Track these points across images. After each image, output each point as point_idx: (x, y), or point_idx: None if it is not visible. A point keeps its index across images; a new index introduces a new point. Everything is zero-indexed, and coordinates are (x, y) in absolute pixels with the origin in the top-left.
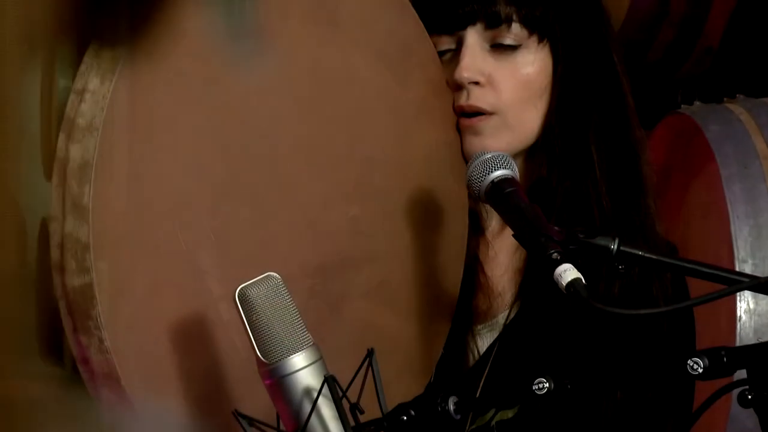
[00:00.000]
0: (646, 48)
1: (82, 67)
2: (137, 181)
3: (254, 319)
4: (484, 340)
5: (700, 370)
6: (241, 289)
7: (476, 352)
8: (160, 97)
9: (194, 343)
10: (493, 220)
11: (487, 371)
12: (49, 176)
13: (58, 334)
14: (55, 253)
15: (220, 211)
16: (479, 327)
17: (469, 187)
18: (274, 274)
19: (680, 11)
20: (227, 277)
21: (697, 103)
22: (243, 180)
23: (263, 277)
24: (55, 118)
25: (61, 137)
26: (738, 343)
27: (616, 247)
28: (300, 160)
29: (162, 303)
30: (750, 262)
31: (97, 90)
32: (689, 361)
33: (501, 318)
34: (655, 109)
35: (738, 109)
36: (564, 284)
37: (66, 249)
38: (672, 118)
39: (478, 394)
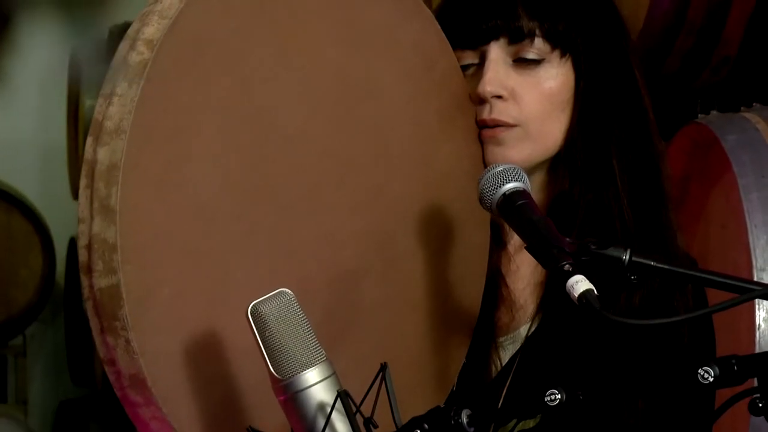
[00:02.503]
0: (663, 57)
1: (110, 72)
2: (164, 184)
3: (267, 335)
4: (506, 352)
5: (711, 379)
6: (254, 305)
7: (499, 364)
8: (187, 102)
9: (216, 350)
10: (515, 234)
11: (508, 382)
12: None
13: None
14: (82, 255)
15: (245, 217)
16: (501, 339)
17: (481, 200)
18: (287, 290)
19: (697, 20)
20: (251, 284)
21: (714, 112)
22: (268, 187)
23: (275, 294)
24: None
25: (89, 140)
26: (758, 351)
27: (627, 257)
28: (324, 168)
29: (187, 307)
30: None
31: (125, 93)
32: (700, 370)
33: (523, 330)
34: (674, 119)
35: (755, 118)
36: (576, 295)
37: (93, 250)
38: (689, 128)
39: (500, 405)
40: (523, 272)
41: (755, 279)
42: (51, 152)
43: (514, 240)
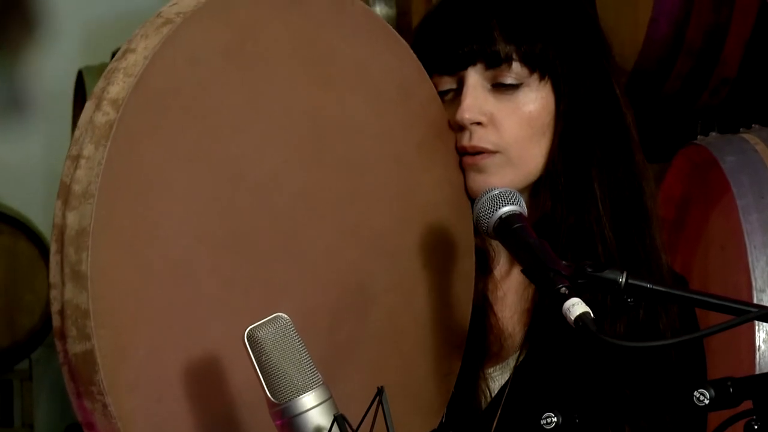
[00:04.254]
0: (663, 80)
1: (77, 133)
2: (135, 244)
3: (263, 359)
4: (496, 383)
5: (707, 401)
6: (250, 330)
7: (488, 394)
8: (155, 160)
9: (196, 403)
10: (501, 260)
11: (499, 412)
12: None
13: None
14: (56, 320)
15: (221, 269)
16: (491, 370)
17: (477, 223)
18: (283, 314)
19: (696, 42)
20: (229, 336)
21: (714, 133)
22: (243, 236)
23: (271, 318)
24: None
25: (58, 204)
26: (758, 372)
27: (624, 280)
28: (301, 208)
29: (164, 365)
30: None
31: (92, 156)
32: (695, 393)
33: (512, 360)
34: (674, 140)
35: (754, 139)
36: (572, 318)
37: (66, 316)
38: (689, 149)
39: None
40: (510, 299)
41: (755, 300)
42: (56, 177)
43: (501, 266)
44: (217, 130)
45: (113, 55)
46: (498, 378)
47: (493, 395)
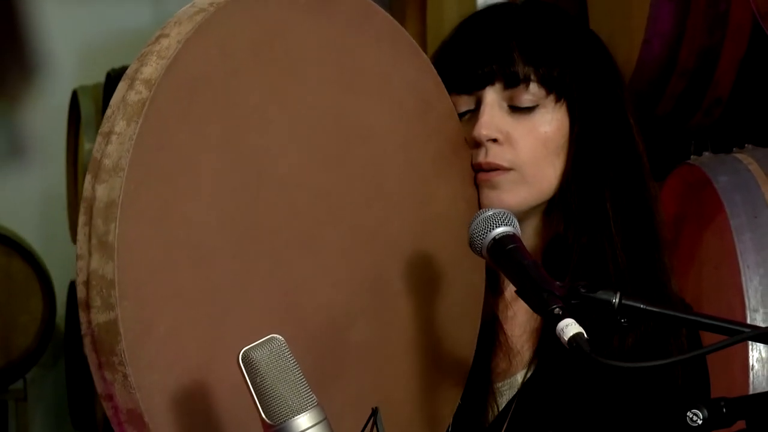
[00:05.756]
0: (656, 100)
1: (108, 111)
2: (161, 221)
3: (258, 381)
4: (503, 398)
5: (700, 422)
6: (244, 351)
7: (496, 409)
8: (184, 141)
9: (212, 386)
10: None
11: (505, 427)
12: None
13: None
14: (81, 291)
15: (241, 257)
16: (499, 385)
17: (471, 244)
18: (277, 336)
19: (689, 63)
20: (246, 323)
21: (707, 153)
22: (263, 227)
23: (266, 340)
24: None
25: (88, 178)
26: (751, 392)
27: (617, 300)
28: (318, 210)
29: (183, 344)
30: (761, 311)
31: (123, 132)
32: (689, 413)
33: (520, 376)
34: (668, 160)
35: (747, 159)
36: (566, 339)
37: (92, 286)
38: (682, 169)
39: None
40: (520, 319)
41: (748, 319)
42: (50, 196)
43: (511, 287)
44: (244, 121)
45: (108, 75)
46: (506, 393)
47: (500, 410)
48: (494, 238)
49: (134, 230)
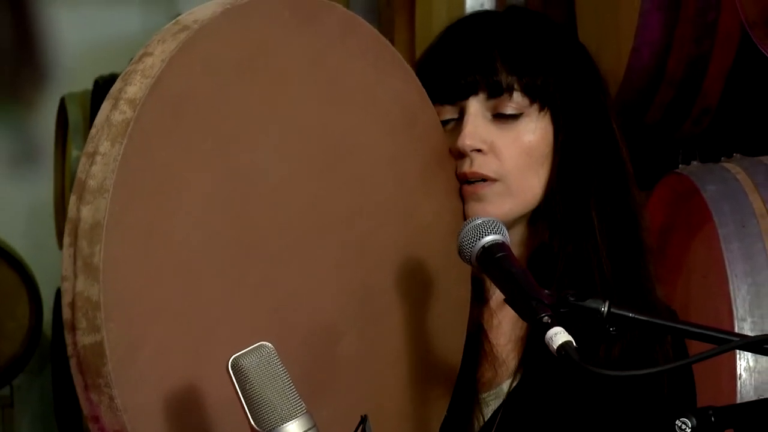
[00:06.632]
0: (644, 109)
1: (93, 131)
2: (147, 241)
3: (247, 388)
4: (489, 408)
5: (688, 431)
6: (234, 359)
7: (482, 419)
8: (169, 160)
9: (199, 404)
10: (496, 290)
11: None
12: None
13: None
14: (66, 312)
15: (229, 273)
16: (484, 395)
17: (460, 252)
18: (266, 343)
19: (678, 73)
20: (234, 339)
21: (695, 162)
22: (251, 242)
23: (255, 347)
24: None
25: (73, 199)
26: (739, 402)
27: (606, 309)
28: (306, 224)
29: (170, 363)
30: (749, 320)
31: (108, 152)
32: (677, 422)
33: (505, 386)
34: (656, 169)
35: (735, 168)
36: (555, 347)
37: (77, 308)
38: (670, 178)
39: None
40: (505, 328)
41: (736, 328)
42: (37, 203)
43: (497, 296)
44: (230, 138)
45: (96, 82)
46: (492, 403)
47: (486, 420)
48: (483, 247)
49: (120, 251)
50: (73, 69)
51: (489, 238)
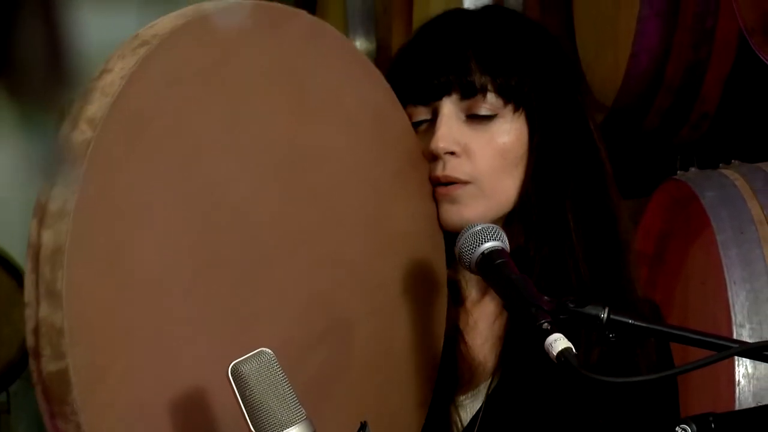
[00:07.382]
0: (642, 115)
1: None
2: (111, 264)
3: (247, 394)
4: (467, 411)
5: None
6: (234, 365)
7: (459, 425)
8: (132, 179)
9: (170, 426)
10: (472, 290)
11: None
12: None
13: None
14: (30, 339)
15: (197, 291)
16: (462, 398)
17: (459, 259)
18: (267, 349)
19: (676, 79)
20: (204, 358)
21: (693, 169)
22: (220, 259)
23: (255, 353)
24: None
25: (33, 223)
26: (738, 408)
27: (606, 315)
28: (276, 237)
29: (139, 385)
30: (747, 326)
31: (68, 174)
32: (677, 428)
33: (483, 387)
34: (654, 175)
35: (733, 174)
36: (554, 354)
37: (41, 334)
38: (668, 184)
39: None
40: (481, 327)
41: (734, 335)
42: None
43: (472, 296)
44: (194, 153)
45: None
46: (469, 406)
47: (464, 424)
48: (483, 253)
49: (83, 275)
50: None
51: (488, 245)
